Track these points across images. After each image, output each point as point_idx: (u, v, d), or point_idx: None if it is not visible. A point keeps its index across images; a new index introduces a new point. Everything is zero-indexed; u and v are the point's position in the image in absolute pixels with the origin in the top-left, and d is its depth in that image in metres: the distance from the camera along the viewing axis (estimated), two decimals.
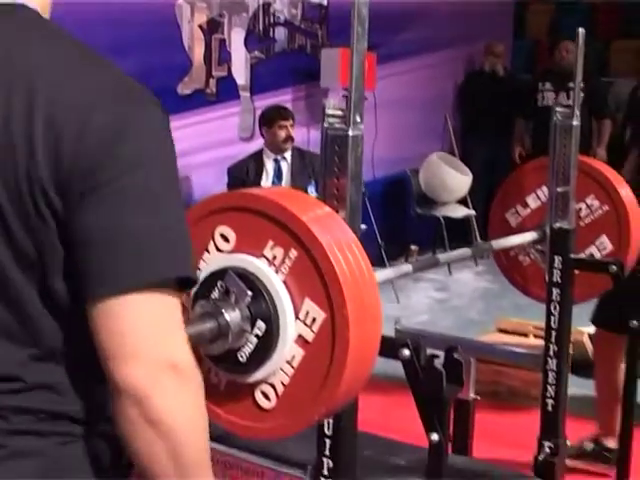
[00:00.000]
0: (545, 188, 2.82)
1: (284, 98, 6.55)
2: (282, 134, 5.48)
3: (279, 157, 5.53)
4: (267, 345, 1.68)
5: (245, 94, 6.35)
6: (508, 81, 8.04)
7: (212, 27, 6.05)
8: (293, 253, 1.66)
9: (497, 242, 2.72)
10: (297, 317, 1.67)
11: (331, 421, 1.87)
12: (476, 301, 6.62)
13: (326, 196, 1.83)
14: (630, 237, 2.84)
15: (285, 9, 6.64)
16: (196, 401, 1.24)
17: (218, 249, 1.77)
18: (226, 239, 1.75)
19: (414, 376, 1.76)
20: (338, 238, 1.66)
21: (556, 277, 2.76)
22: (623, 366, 3.38)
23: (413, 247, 7.57)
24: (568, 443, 3.45)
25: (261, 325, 1.68)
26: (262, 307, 1.68)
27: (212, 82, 6.12)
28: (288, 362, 1.69)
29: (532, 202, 2.96)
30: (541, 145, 3.14)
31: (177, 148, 1.30)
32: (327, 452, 1.88)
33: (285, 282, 1.68)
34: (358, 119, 1.79)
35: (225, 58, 6.22)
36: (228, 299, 1.70)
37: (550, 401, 2.83)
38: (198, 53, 6.00)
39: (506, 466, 3.45)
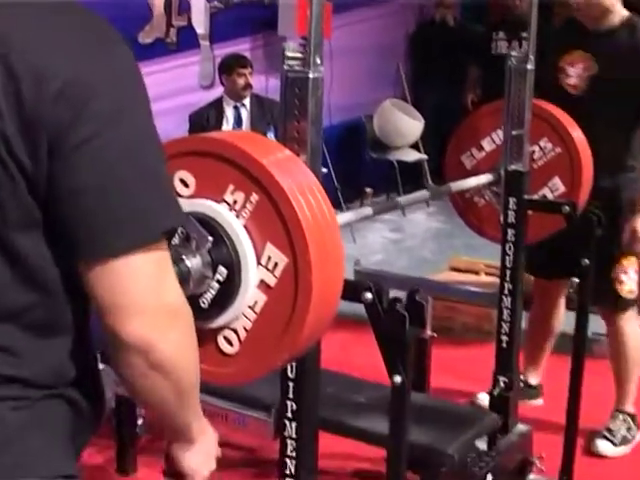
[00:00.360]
0: (500, 131, 2.74)
1: (243, 47, 6.40)
2: (241, 82, 5.39)
3: (238, 104, 5.43)
4: (229, 291, 1.59)
5: (205, 43, 6.18)
6: (458, 31, 7.90)
7: None
8: (254, 197, 1.57)
9: (454, 184, 2.63)
10: (259, 262, 1.58)
11: (294, 364, 1.77)
12: (429, 241, 6.57)
13: (286, 140, 1.72)
14: (582, 178, 2.77)
15: None
16: (190, 336, 1.24)
17: (178, 194, 1.65)
18: (186, 184, 1.65)
19: (377, 319, 1.68)
20: (299, 182, 1.56)
21: (511, 218, 2.68)
22: (561, 310, 3.44)
23: (368, 190, 7.54)
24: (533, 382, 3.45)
25: (222, 271, 1.59)
26: (223, 253, 1.58)
27: (172, 31, 5.98)
28: (250, 307, 1.60)
29: (487, 145, 2.87)
30: (492, 92, 3.03)
31: None
32: (291, 395, 1.79)
33: (246, 227, 1.59)
34: (318, 61, 1.67)
35: (185, 8, 6.05)
36: (189, 245, 1.59)
37: (505, 338, 2.77)
38: (158, 3, 5.84)
39: (462, 400, 3.42)
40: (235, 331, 1.62)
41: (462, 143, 2.93)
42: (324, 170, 1.83)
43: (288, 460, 1.83)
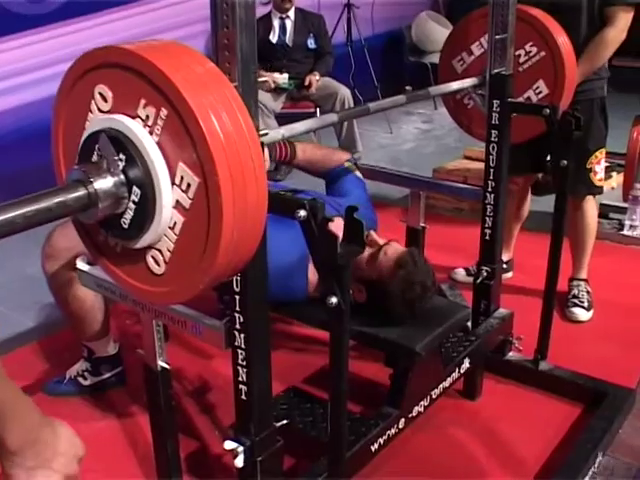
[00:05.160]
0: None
1: None
2: None
3: (284, 16, 4.85)
4: (145, 211, 1.16)
5: None
6: None
7: None
8: (163, 112, 1.11)
9: (438, 88, 2.10)
10: (173, 182, 1.13)
11: (238, 277, 1.35)
12: (453, 131, 5.94)
13: (218, 48, 1.24)
14: (565, 81, 2.20)
15: None
16: None
17: (99, 109, 1.20)
18: (105, 99, 1.18)
19: (312, 238, 1.22)
20: (213, 96, 1.09)
21: (494, 120, 2.15)
22: (528, 198, 3.14)
23: (407, 88, 6.94)
24: (504, 258, 2.97)
25: (137, 191, 1.14)
26: (136, 172, 1.14)
27: None
28: (171, 228, 1.17)
29: (476, 50, 2.31)
30: None
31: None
32: (237, 307, 1.37)
33: (159, 144, 1.13)
34: None
35: None
36: (101, 165, 1.15)
37: (488, 231, 2.29)
38: None
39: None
40: (160, 251, 1.20)
41: (453, 48, 2.36)
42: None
43: (240, 369, 1.43)
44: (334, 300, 1.23)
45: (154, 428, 1.68)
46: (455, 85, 2.11)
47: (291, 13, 4.85)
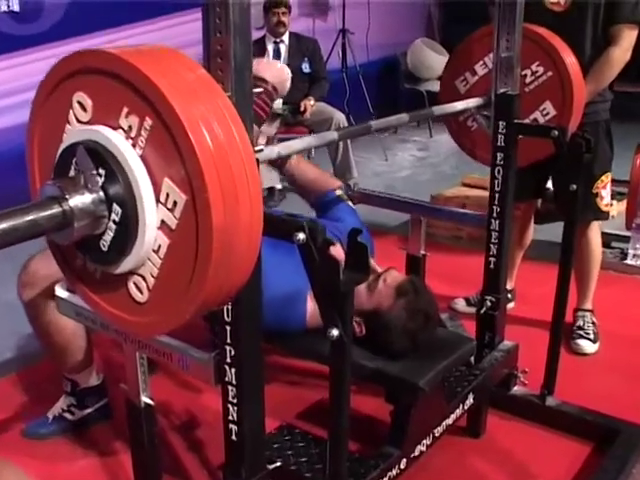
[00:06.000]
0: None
1: None
2: (274, 19, 4.81)
3: (278, 40, 4.80)
4: (126, 232, 1.04)
5: None
6: None
7: None
8: (148, 122, 1.00)
9: (442, 107, 2.00)
10: (158, 200, 1.01)
11: (229, 307, 1.23)
12: (450, 158, 5.88)
13: (211, 55, 1.13)
14: (573, 102, 2.11)
15: None
16: None
17: (78, 120, 1.09)
18: (84, 108, 1.08)
19: (311, 263, 1.10)
20: (204, 107, 0.98)
21: (500, 142, 2.05)
22: (531, 226, 3.05)
23: None
24: (509, 296, 2.87)
25: (117, 209, 1.03)
26: (117, 188, 1.02)
27: None
28: (155, 252, 1.05)
29: (480, 69, 2.22)
30: None
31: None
32: (228, 339, 1.25)
33: (143, 157, 1.02)
34: None
35: None
36: (78, 181, 1.04)
37: (492, 259, 2.18)
38: None
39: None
40: (143, 277, 1.08)
41: (456, 68, 2.28)
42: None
43: (230, 407, 1.31)
44: (335, 332, 1.12)
45: (136, 468, 1.56)
46: (459, 105, 2.01)
47: (285, 37, 4.79)
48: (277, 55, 4.75)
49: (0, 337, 2.77)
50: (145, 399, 1.50)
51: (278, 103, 4.58)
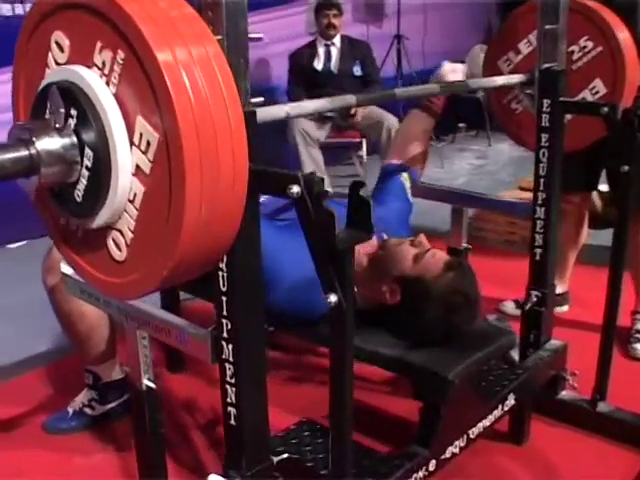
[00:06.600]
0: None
1: None
2: (324, 21, 4.72)
3: (329, 43, 4.71)
4: (99, 178, 0.96)
5: None
6: None
7: None
8: (120, 55, 0.91)
9: (479, 81, 1.86)
10: (132, 142, 0.92)
11: (224, 273, 1.12)
12: (508, 166, 5.69)
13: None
14: (625, 79, 1.94)
15: None
16: None
17: (56, 62, 1.01)
18: (61, 48, 1.00)
19: (307, 219, 0.99)
20: (185, 44, 0.89)
21: (545, 121, 1.90)
22: (585, 223, 2.82)
23: (461, 125, 6.89)
24: (559, 290, 2.68)
25: (89, 154, 0.94)
26: (89, 131, 0.93)
27: None
28: (130, 202, 0.96)
29: (524, 48, 2.08)
30: None
31: None
32: (224, 312, 1.15)
33: (117, 96, 0.93)
34: None
35: None
36: (49, 122, 0.96)
37: (538, 250, 2.01)
38: None
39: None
40: (121, 232, 0.99)
41: (499, 47, 2.14)
42: None
43: (228, 387, 1.19)
44: (333, 298, 1.00)
45: (139, 457, 1.46)
46: (500, 80, 1.88)
47: (337, 40, 4.70)
48: (328, 57, 4.67)
49: (35, 332, 2.73)
50: (147, 382, 1.40)
51: None
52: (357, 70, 4.68)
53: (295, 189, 0.99)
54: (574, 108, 1.89)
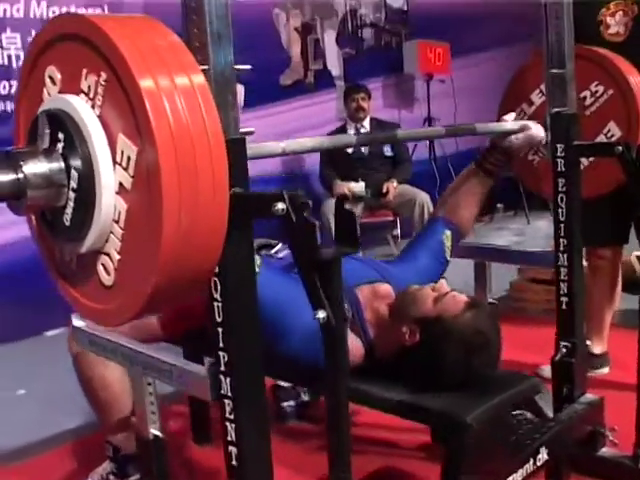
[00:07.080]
0: None
1: (374, 86, 5.73)
2: (353, 105, 4.87)
3: (359, 125, 4.80)
4: (85, 199, 0.98)
5: (340, 83, 5.60)
6: None
7: (306, 29, 5.34)
8: (103, 77, 0.95)
9: (487, 125, 1.86)
10: (114, 160, 0.94)
11: (219, 303, 1.11)
12: (548, 241, 5.60)
13: (187, 24, 1.07)
14: (639, 119, 1.92)
15: (370, 14, 5.86)
16: None
17: (49, 95, 1.06)
18: (54, 81, 1.04)
19: (292, 233, 0.99)
20: (170, 77, 0.92)
21: (560, 166, 1.88)
22: (618, 279, 2.72)
23: (499, 205, 6.88)
24: (598, 351, 2.58)
25: (75, 175, 0.96)
26: (75, 153, 0.96)
27: (310, 74, 5.41)
28: (116, 222, 0.97)
29: (536, 98, 2.09)
30: None
31: (286, 129, 0.65)
32: (221, 343, 1.13)
33: (101, 117, 0.96)
34: None
35: (320, 54, 5.50)
36: (37, 147, 0.99)
37: (564, 299, 1.96)
38: (295, 51, 5.30)
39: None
40: (109, 255, 1.00)
41: (512, 101, 2.16)
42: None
43: (228, 425, 1.16)
44: (322, 315, 0.97)
45: None
46: (509, 125, 1.88)
47: (366, 122, 4.82)
48: None
49: (63, 413, 2.72)
50: (155, 431, 1.38)
51: (360, 186, 4.57)
52: (387, 151, 4.77)
53: (280, 206, 0.99)
54: (588, 150, 1.87)
